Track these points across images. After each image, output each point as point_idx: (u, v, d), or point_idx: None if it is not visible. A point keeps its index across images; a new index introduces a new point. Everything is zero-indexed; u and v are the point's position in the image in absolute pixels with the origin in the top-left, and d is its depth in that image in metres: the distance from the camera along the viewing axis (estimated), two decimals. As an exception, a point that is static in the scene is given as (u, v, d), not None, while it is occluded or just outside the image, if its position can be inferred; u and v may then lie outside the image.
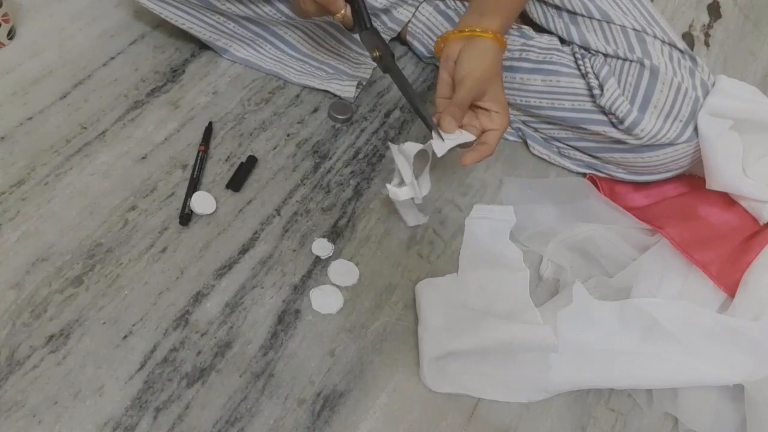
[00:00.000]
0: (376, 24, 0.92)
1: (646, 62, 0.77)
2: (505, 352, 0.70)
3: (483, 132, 0.71)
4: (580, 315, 0.71)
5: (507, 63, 0.87)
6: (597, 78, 0.80)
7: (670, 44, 0.80)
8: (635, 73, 0.78)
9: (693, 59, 0.81)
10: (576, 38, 0.83)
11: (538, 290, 0.80)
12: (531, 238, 0.82)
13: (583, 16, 0.82)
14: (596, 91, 0.80)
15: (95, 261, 0.70)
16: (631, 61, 0.78)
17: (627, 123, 0.77)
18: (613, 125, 0.80)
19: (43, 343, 0.65)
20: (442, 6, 0.91)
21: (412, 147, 0.69)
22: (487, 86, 0.70)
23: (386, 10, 0.89)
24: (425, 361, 0.69)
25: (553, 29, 0.86)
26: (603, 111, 0.80)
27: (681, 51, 0.81)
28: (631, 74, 0.78)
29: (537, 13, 0.87)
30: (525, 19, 0.90)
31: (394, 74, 0.71)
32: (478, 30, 0.71)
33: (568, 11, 0.84)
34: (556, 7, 0.85)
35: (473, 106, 0.72)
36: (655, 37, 0.80)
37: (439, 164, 0.87)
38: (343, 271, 0.76)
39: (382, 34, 0.92)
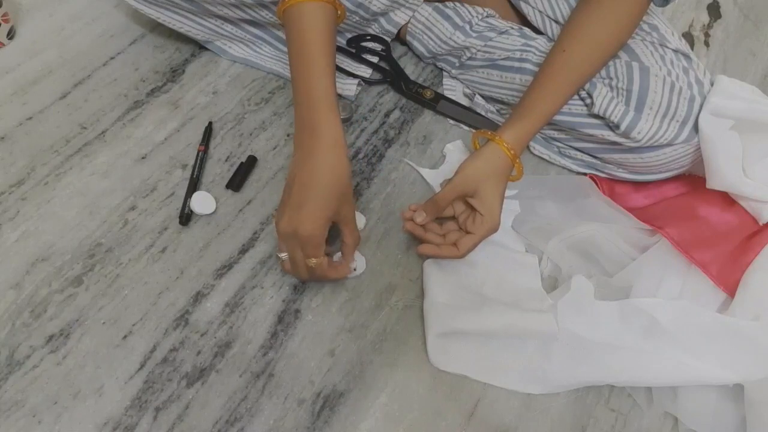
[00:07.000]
0: (374, 27, 0.92)
1: (635, 65, 0.77)
2: (505, 335, 0.71)
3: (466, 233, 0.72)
4: (580, 312, 0.71)
5: (508, 63, 0.86)
6: (583, 89, 0.80)
7: (661, 44, 0.80)
8: (625, 76, 0.77)
9: (687, 57, 0.80)
10: None
11: (538, 290, 0.79)
12: (532, 232, 0.82)
13: None
14: (588, 101, 0.80)
15: (95, 261, 0.70)
16: (623, 62, 0.78)
17: (623, 127, 0.77)
18: (611, 129, 0.80)
19: (43, 343, 0.65)
20: (441, 6, 0.91)
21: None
22: (479, 184, 0.70)
23: (384, 13, 0.89)
24: (430, 336, 0.71)
25: (550, 35, 0.86)
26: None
27: (674, 50, 0.80)
28: (622, 78, 0.77)
29: (537, 19, 0.87)
30: (524, 21, 0.90)
31: (449, 105, 0.70)
32: (490, 134, 0.72)
33: (557, 22, 0.85)
34: (550, 18, 0.86)
35: (469, 206, 0.72)
36: (644, 39, 0.80)
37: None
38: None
39: (381, 35, 0.93)
